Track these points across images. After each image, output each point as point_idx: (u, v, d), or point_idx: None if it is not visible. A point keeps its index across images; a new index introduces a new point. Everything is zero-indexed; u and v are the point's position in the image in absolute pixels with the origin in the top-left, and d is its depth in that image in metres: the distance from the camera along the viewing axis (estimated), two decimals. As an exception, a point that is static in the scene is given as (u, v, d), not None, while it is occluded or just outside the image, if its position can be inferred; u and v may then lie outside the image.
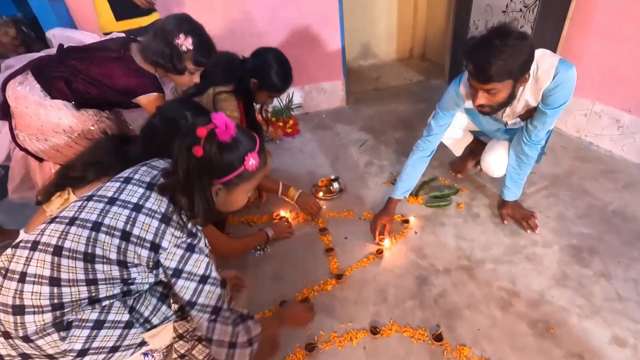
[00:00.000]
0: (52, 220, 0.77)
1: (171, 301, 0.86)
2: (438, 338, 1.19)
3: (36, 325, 0.70)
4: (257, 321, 0.92)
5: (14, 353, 0.73)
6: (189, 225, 0.80)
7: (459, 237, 1.58)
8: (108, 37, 1.48)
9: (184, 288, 0.79)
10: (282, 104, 2.76)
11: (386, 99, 3.01)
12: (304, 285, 1.42)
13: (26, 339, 0.70)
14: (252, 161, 0.81)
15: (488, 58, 1.09)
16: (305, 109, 2.89)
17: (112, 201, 0.78)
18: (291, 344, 1.20)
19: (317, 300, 1.36)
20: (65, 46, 1.36)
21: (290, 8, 2.49)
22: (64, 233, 0.74)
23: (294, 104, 2.82)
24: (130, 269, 0.76)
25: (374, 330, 1.23)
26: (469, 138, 1.84)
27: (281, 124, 2.62)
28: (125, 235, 0.75)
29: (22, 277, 0.70)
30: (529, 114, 1.39)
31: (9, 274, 0.71)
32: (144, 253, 0.76)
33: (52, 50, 1.38)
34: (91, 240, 0.73)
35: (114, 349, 0.78)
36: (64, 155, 1.36)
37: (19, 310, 0.69)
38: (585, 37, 1.95)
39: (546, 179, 1.86)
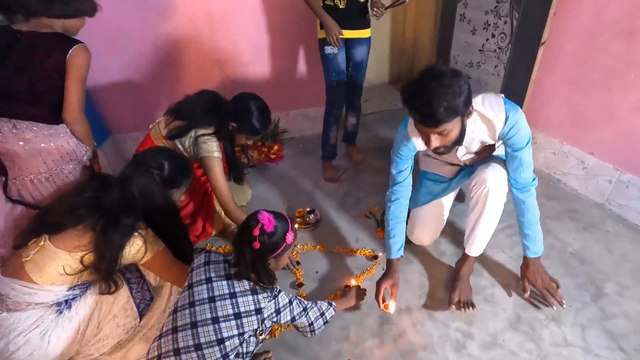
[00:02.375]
0: (175, 331, 1.03)
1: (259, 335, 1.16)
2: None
3: None
4: (330, 302, 1.35)
5: None
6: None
7: (424, 275, 1.65)
8: None
9: (285, 315, 1.16)
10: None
11: (370, 125, 3.09)
12: (272, 321, 1.49)
13: None
14: (290, 237, 1.12)
15: (430, 103, 1.08)
16: (290, 134, 2.97)
17: (212, 299, 1.05)
18: (253, 382, 1.27)
19: (283, 337, 1.43)
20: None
21: (276, 36, 2.58)
22: (195, 334, 1.00)
23: (279, 129, 2.90)
24: (246, 332, 1.05)
25: (334, 371, 1.30)
26: None
27: (265, 149, 2.70)
28: (238, 315, 1.04)
29: None
30: (488, 151, 1.47)
31: None
32: (254, 318, 1.07)
33: None
34: (217, 330, 1.01)
35: None
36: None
37: None
38: (555, 82, 2.05)
39: (512, 216, 1.93)
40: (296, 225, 1.96)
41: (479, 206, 1.45)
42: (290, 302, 1.18)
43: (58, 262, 1.08)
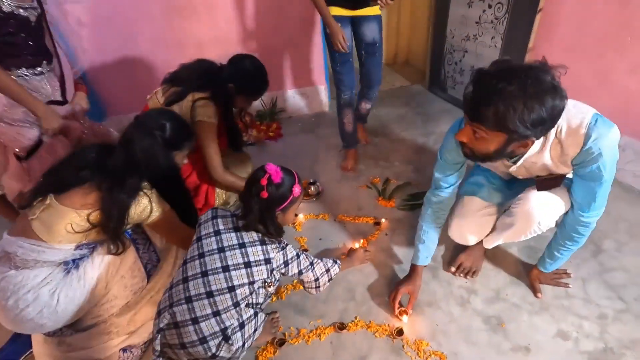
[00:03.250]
0: (186, 280, 1.04)
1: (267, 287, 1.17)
2: (399, 333, 1.28)
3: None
4: (335, 260, 1.35)
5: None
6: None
7: (426, 239, 1.67)
8: None
9: (293, 267, 1.17)
10: (265, 108, 2.84)
11: (368, 104, 3.10)
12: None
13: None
14: (297, 190, 1.12)
15: (489, 96, 0.85)
16: (288, 113, 2.97)
17: (221, 250, 1.07)
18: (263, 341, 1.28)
19: (290, 299, 1.45)
20: None
21: (274, 15, 2.56)
22: (206, 282, 1.02)
23: (277, 108, 2.90)
24: (256, 281, 1.06)
25: (341, 326, 1.32)
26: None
27: (264, 127, 2.69)
28: (248, 264, 1.05)
29: (195, 320, 0.99)
30: (551, 182, 1.16)
31: (181, 324, 0.99)
32: (263, 268, 1.08)
33: None
34: (227, 278, 1.03)
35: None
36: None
37: (202, 340, 0.99)
38: (550, 49, 2.06)
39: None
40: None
41: (514, 226, 1.25)
42: (298, 256, 1.19)
43: (65, 219, 1.08)
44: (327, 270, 1.28)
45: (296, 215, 1.86)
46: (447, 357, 1.20)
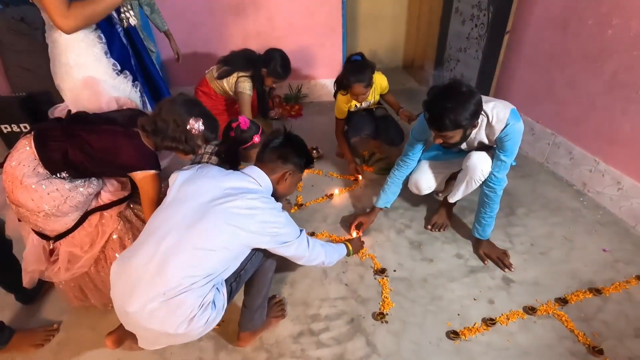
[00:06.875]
0: None
1: None
2: (348, 241, 1.91)
3: None
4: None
5: None
6: None
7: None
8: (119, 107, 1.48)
9: None
10: (292, 93, 3.52)
11: (377, 98, 3.69)
12: (277, 208, 2.17)
13: None
14: (256, 138, 1.66)
15: (441, 113, 1.36)
16: (310, 99, 3.64)
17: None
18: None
19: (283, 217, 2.11)
20: (72, 112, 1.34)
21: (305, 18, 3.23)
22: None
23: (302, 94, 3.57)
24: None
25: (312, 234, 1.96)
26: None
27: (288, 107, 3.38)
28: None
29: None
30: (485, 147, 1.67)
31: None
32: None
33: (63, 110, 1.39)
34: None
35: None
36: None
37: None
38: (517, 63, 2.57)
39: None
40: (303, 158, 2.63)
41: (466, 177, 1.71)
42: None
43: None
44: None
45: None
46: (376, 257, 1.82)
